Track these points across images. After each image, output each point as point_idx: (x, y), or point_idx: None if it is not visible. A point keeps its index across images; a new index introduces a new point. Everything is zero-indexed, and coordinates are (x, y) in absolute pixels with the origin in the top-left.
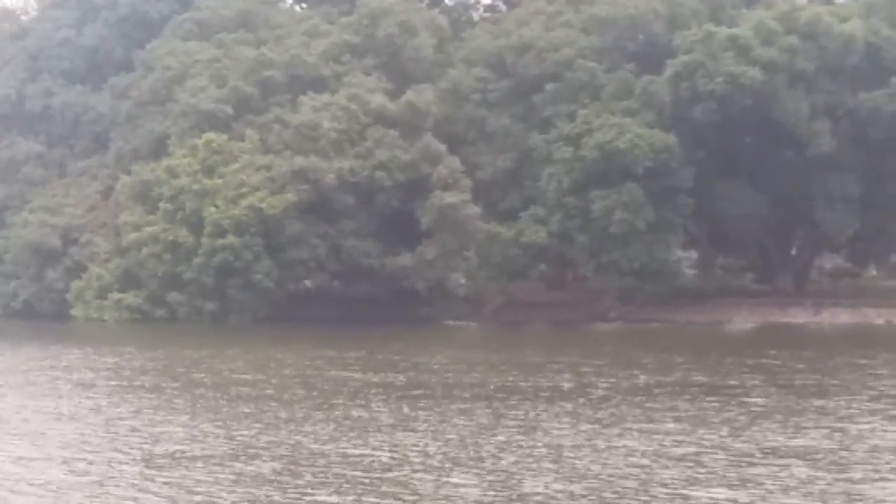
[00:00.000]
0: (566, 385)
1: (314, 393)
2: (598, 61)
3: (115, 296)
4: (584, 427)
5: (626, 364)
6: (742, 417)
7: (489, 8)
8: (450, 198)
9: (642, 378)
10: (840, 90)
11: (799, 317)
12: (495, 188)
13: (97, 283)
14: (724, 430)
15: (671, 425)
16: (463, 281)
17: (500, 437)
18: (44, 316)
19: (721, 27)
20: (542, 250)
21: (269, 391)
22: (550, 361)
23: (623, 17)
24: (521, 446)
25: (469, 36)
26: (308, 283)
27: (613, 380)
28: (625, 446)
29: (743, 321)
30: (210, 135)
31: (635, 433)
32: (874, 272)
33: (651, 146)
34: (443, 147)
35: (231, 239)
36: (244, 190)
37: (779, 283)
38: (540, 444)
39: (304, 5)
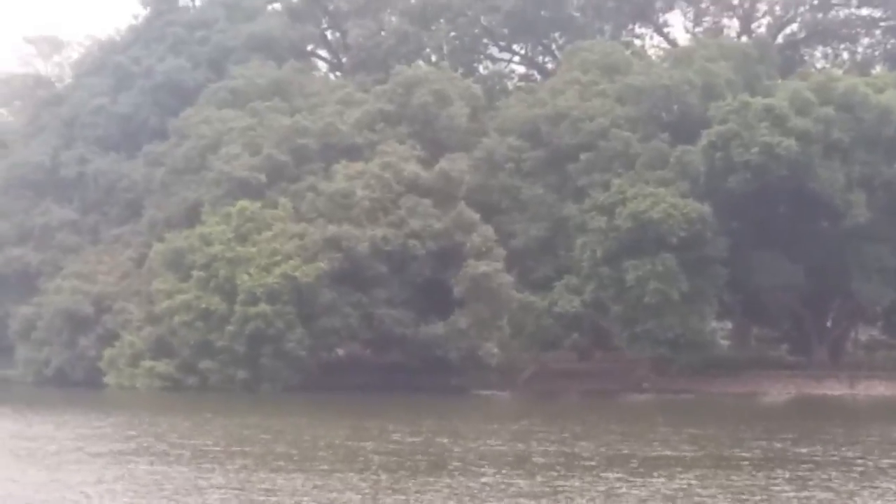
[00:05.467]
0: (691, 453)
1: (457, 461)
2: (632, 131)
3: (148, 363)
4: (738, 496)
5: (723, 434)
6: None
7: (524, 77)
8: (483, 267)
9: (756, 447)
10: (876, 161)
11: (834, 389)
12: (529, 257)
13: (129, 350)
14: None
15: (823, 495)
16: (496, 350)
17: None
18: (76, 383)
19: (756, 97)
20: (576, 320)
21: (396, 459)
22: (647, 431)
23: (658, 87)
24: None
25: (503, 105)
26: (340, 351)
27: (729, 449)
28: None
29: (778, 393)
30: (243, 202)
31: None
32: None
33: (685, 216)
34: (476, 216)
35: (263, 307)
36: (277, 258)
37: (814, 354)
38: None
39: (338, 74)
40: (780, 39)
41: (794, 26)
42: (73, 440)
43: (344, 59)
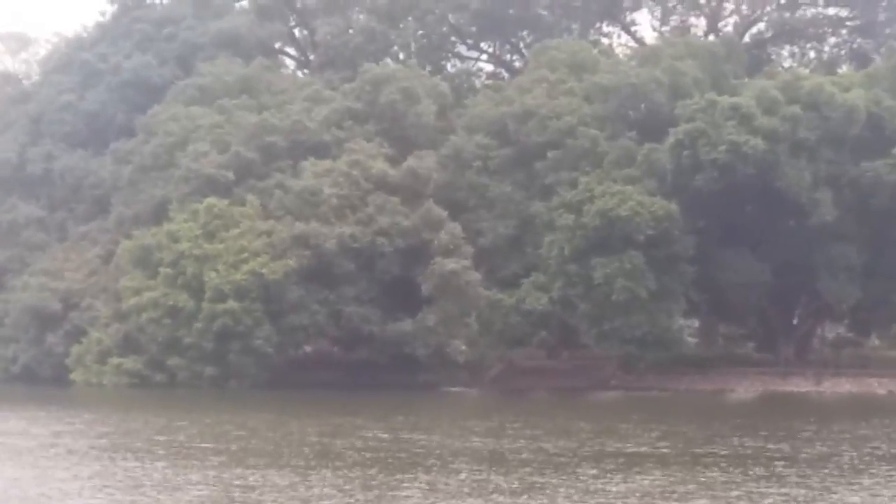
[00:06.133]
0: (665, 450)
1: (451, 460)
2: (600, 129)
3: (115, 360)
4: (717, 493)
5: (694, 431)
6: None
7: (491, 75)
8: (451, 264)
9: (729, 444)
10: (842, 160)
11: (801, 386)
12: (496, 255)
13: (97, 347)
14: None
15: (800, 491)
16: (463, 347)
17: None
18: (43, 380)
19: (723, 96)
20: (543, 317)
21: (370, 455)
22: (619, 428)
23: (625, 85)
24: None
25: (471, 103)
26: (307, 348)
27: (702, 446)
28: None
29: (745, 390)
30: (211, 200)
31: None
32: (876, 342)
33: (652, 214)
34: (444, 213)
35: (231, 304)
36: (245, 255)
37: (780, 352)
38: None
39: (306, 71)
40: (747, 38)
41: (761, 25)
42: (48, 437)
43: (312, 57)
